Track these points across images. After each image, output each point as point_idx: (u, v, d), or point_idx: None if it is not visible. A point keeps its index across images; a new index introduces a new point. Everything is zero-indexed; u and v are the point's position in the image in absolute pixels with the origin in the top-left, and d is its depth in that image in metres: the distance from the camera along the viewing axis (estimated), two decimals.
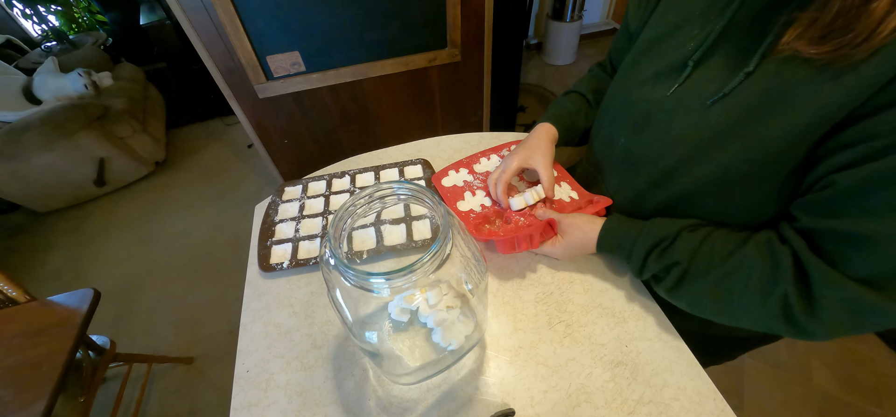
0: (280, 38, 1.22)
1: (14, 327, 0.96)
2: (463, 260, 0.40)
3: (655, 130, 0.49)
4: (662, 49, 0.49)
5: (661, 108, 0.48)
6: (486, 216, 0.64)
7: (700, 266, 0.44)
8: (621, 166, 0.57)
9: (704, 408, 0.45)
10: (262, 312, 0.58)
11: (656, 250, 0.47)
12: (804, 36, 0.34)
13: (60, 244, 2.01)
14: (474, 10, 1.31)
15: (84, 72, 2.18)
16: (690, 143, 0.45)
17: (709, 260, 0.43)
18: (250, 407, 0.48)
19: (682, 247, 0.45)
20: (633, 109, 0.53)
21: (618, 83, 0.58)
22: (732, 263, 0.42)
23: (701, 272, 0.44)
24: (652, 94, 0.50)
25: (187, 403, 1.35)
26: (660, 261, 0.47)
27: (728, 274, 0.42)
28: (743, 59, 0.40)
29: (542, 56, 3.07)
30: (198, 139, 2.64)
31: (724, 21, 0.42)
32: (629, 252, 0.50)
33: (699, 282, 0.44)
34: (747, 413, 1.23)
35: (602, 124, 0.63)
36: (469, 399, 0.47)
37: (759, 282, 0.39)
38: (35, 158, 1.89)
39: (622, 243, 0.51)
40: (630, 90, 0.54)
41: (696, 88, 0.45)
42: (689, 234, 0.46)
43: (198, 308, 1.64)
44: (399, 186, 0.39)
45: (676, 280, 0.46)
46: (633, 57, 0.55)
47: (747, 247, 0.41)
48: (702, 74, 0.44)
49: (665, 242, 0.47)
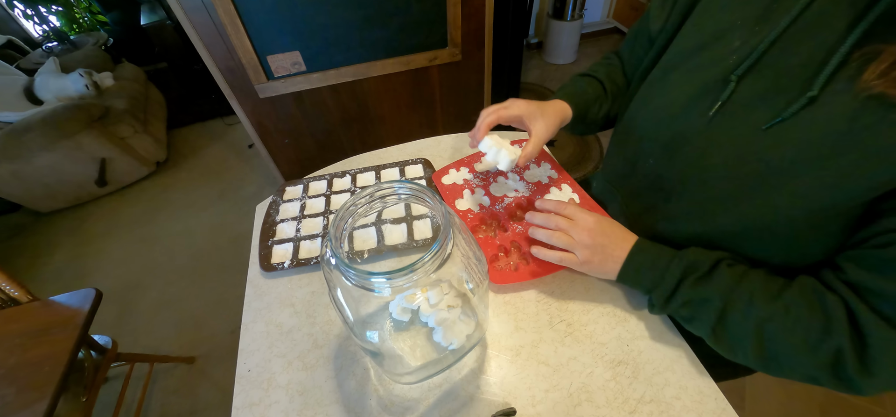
0: (280, 38, 1.22)
1: (16, 327, 0.96)
2: (464, 259, 0.40)
3: (690, 157, 0.43)
4: (698, 62, 0.43)
5: (698, 131, 0.42)
6: (483, 219, 0.64)
7: (739, 307, 0.39)
8: (648, 191, 0.52)
9: (706, 407, 0.45)
10: (263, 311, 0.58)
11: (691, 277, 0.42)
12: (892, 75, 0.29)
13: (62, 244, 2.01)
14: (475, 10, 1.31)
15: (85, 72, 2.18)
16: (735, 176, 0.39)
17: (748, 301, 0.39)
18: (252, 407, 0.48)
19: (719, 281, 0.41)
20: (664, 130, 0.47)
21: (644, 98, 0.51)
22: (777, 307, 0.37)
23: (741, 314, 0.39)
24: (687, 114, 0.43)
25: (189, 402, 1.36)
26: (693, 291, 0.42)
27: (772, 319, 0.37)
28: (802, 80, 0.34)
29: (543, 55, 3.07)
30: (199, 139, 2.64)
31: (775, 32, 0.36)
32: (661, 276, 0.44)
33: (740, 325, 0.40)
34: (749, 411, 1.23)
35: (625, 142, 0.56)
36: (470, 398, 0.47)
37: (808, 332, 0.36)
38: (36, 158, 1.90)
39: (655, 263, 0.45)
40: (659, 109, 0.47)
41: (742, 110, 0.38)
42: (729, 268, 0.41)
43: (199, 308, 1.64)
44: (400, 185, 0.39)
45: (716, 319, 0.41)
46: (662, 70, 0.49)
47: (792, 292, 0.38)
48: (747, 92, 0.38)
49: (700, 269, 0.42)
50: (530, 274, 0.55)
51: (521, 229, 0.61)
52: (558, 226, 0.51)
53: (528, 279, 0.55)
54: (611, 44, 3.20)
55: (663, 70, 0.48)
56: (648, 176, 0.51)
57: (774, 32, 0.36)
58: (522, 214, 0.66)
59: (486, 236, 0.61)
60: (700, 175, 0.43)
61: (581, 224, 0.50)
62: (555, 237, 0.51)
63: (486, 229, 0.64)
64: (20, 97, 2.10)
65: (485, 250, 0.59)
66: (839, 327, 0.34)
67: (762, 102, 0.37)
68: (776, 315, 0.37)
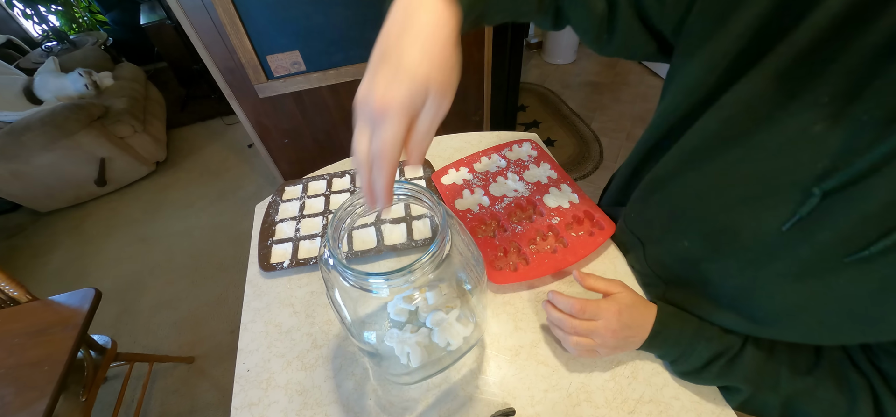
0: (280, 38, 1.22)
1: (15, 326, 0.96)
2: (462, 260, 0.40)
3: (742, 259, 0.36)
4: (763, 141, 0.32)
5: (761, 239, 0.34)
6: (482, 219, 0.64)
7: (766, 390, 0.39)
8: (680, 265, 0.45)
9: (704, 408, 0.45)
10: (262, 311, 0.58)
11: (721, 360, 0.41)
12: None
13: (61, 244, 2.01)
14: None
15: (85, 72, 2.18)
16: (801, 302, 0.33)
17: (775, 382, 0.39)
18: (251, 407, 0.48)
19: (747, 365, 0.40)
20: (711, 219, 0.38)
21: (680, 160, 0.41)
22: (805, 384, 0.37)
23: (768, 395, 0.40)
24: (745, 214, 0.35)
25: (188, 402, 1.36)
26: (722, 377, 0.42)
27: (798, 395, 0.38)
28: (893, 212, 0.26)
29: (543, 55, 3.07)
30: (198, 139, 2.64)
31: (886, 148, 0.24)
32: (686, 353, 0.43)
33: (766, 404, 0.41)
34: None
35: (650, 199, 0.48)
36: (469, 398, 0.47)
37: (832, 409, 0.36)
38: (36, 158, 1.90)
39: (679, 340, 0.43)
40: (708, 190, 0.38)
41: (825, 233, 0.29)
42: (755, 349, 0.40)
43: (199, 308, 1.64)
44: (398, 185, 0.39)
45: (742, 403, 0.43)
46: (704, 139, 0.37)
47: (821, 370, 0.37)
48: (835, 209, 0.29)
49: (730, 352, 0.41)
50: (530, 274, 0.55)
51: (520, 229, 0.61)
52: (576, 331, 0.44)
53: (527, 279, 0.55)
54: None
55: (706, 139, 0.37)
56: (683, 256, 0.44)
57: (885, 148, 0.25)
58: (522, 214, 0.66)
59: (486, 237, 0.61)
60: (751, 284, 0.36)
61: (604, 328, 0.43)
62: (575, 346, 0.44)
63: (486, 229, 0.64)
64: (20, 97, 2.10)
65: (484, 251, 0.59)
66: (864, 410, 0.34)
67: (847, 226, 0.28)
68: (803, 393, 0.38)
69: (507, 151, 0.76)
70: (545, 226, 0.61)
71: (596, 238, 0.59)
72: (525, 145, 0.77)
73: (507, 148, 0.76)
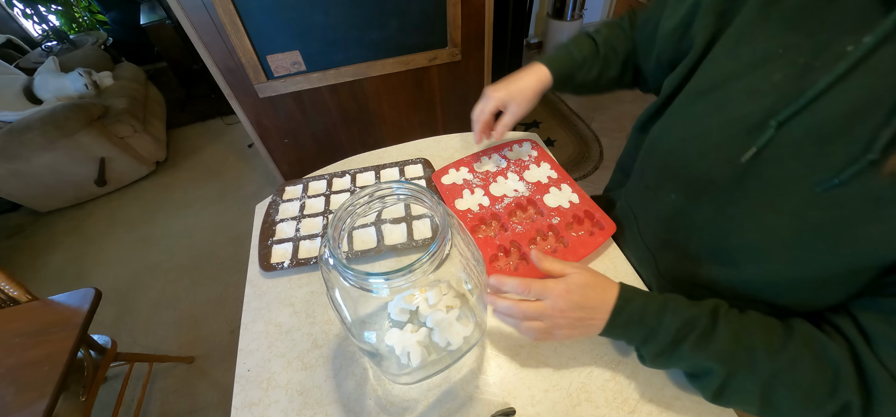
0: (280, 38, 1.22)
1: (15, 326, 0.96)
2: (462, 260, 0.40)
3: (718, 200, 0.40)
4: (729, 94, 0.38)
5: (729, 176, 0.38)
6: (482, 218, 0.64)
7: (743, 370, 0.37)
8: (668, 225, 0.49)
9: (705, 407, 0.45)
10: (262, 311, 0.58)
11: (692, 334, 0.38)
12: None
13: (61, 244, 2.01)
14: (475, 9, 1.31)
15: (84, 72, 2.18)
16: (772, 230, 0.36)
17: (751, 362, 0.36)
18: (251, 406, 0.48)
19: (720, 344, 0.37)
20: (690, 166, 0.43)
21: (667, 125, 0.47)
22: (781, 363, 0.35)
23: (744, 378, 0.37)
24: (715, 154, 0.39)
25: (188, 402, 1.36)
26: (695, 354, 0.38)
27: (776, 376, 0.36)
28: (857, 139, 0.30)
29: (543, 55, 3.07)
30: (198, 139, 2.64)
31: (829, 79, 0.30)
32: (652, 331, 0.40)
33: (744, 389, 0.37)
34: None
35: (646, 167, 0.53)
36: (469, 398, 0.47)
37: (813, 388, 0.34)
38: (36, 157, 1.90)
39: (643, 317, 0.40)
40: (684, 141, 0.43)
41: (783, 162, 0.34)
42: (726, 322, 0.38)
43: (199, 308, 1.64)
44: (398, 185, 0.39)
45: (719, 386, 0.38)
46: (688, 96, 0.44)
47: (795, 344, 0.36)
48: (788, 142, 0.34)
49: (700, 325, 0.38)
50: (530, 274, 0.55)
51: (521, 229, 0.61)
52: (525, 315, 0.42)
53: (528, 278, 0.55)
54: None
55: (690, 96, 0.43)
56: (668, 210, 0.48)
57: (829, 78, 0.30)
58: (523, 214, 0.66)
59: (486, 236, 0.61)
60: (727, 223, 0.40)
61: (552, 309, 0.41)
62: (528, 331, 0.43)
63: (486, 228, 0.64)
64: (19, 97, 2.10)
65: (484, 250, 0.59)
66: (847, 382, 0.33)
67: (807, 157, 0.33)
68: (781, 372, 0.36)
69: (507, 150, 0.76)
70: (545, 226, 0.61)
71: (596, 238, 0.59)
72: (525, 145, 0.77)
73: (507, 148, 0.77)
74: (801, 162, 0.33)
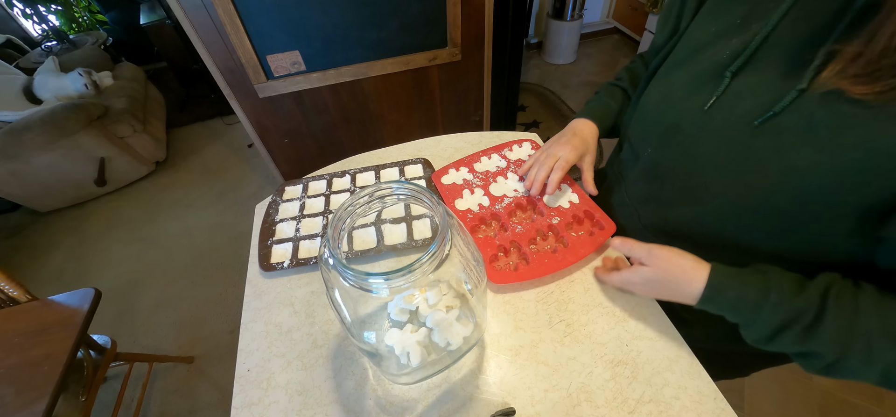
0: (280, 38, 1.22)
1: (15, 326, 0.96)
2: (462, 260, 0.40)
3: (682, 145, 0.46)
4: (698, 59, 0.46)
5: (693, 122, 0.45)
6: (482, 218, 0.64)
7: (857, 356, 0.35)
8: (646, 178, 0.55)
9: (705, 407, 0.45)
10: (262, 311, 0.58)
11: (794, 327, 0.37)
12: (848, 72, 0.31)
13: (61, 244, 2.01)
14: (474, 9, 1.31)
15: (84, 71, 2.18)
16: (725, 164, 0.41)
17: (868, 350, 0.35)
18: (251, 406, 0.48)
19: (831, 333, 0.36)
20: (661, 121, 0.49)
21: (650, 93, 0.54)
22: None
23: (859, 363, 0.35)
24: (683, 106, 0.46)
25: (188, 402, 1.36)
26: (799, 344, 0.37)
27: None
28: (791, 74, 0.36)
29: (543, 55, 3.07)
30: (198, 139, 2.64)
31: (765, 30, 0.38)
32: (750, 321, 0.39)
33: (858, 370, 0.36)
34: (748, 411, 1.23)
35: (632, 133, 0.60)
36: (469, 398, 0.47)
37: None
38: (36, 157, 1.90)
39: (738, 306, 0.40)
40: (660, 102, 0.51)
41: (735, 104, 0.41)
42: (837, 309, 0.36)
43: (198, 308, 1.64)
44: (398, 186, 0.39)
45: (828, 365, 0.37)
46: (667, 67, 0.51)
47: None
48: (740, 87, 0.41)
49: (805, 319, 0.36)
50: (530, 274, 0.55)
51: (521, 229, 0.61)
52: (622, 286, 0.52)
53: (527, 278, 0.55)
54: (610, 44, 3.19)
55: (669, 67, 0.51)
56: (647, 164, 0.54)
57: (765, 29, 0.38)
58: (523, 214, 0.66)
59: (486, 236, 0.61)
60: (690, 163, 0.46)
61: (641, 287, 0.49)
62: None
63: (486, 228, 0.64)
64: (19, 97, 2.10)
65: (484, 250, 0.59)
66: None
67: (753, 96, 0.39)
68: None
69: (508, 151, 0.76)
70: (545, 225, 0.61)
71: (596, 238, 0.59)
72: (525, 145, 0.77)
73: (508, 148, 0.77)
74: (749, 102, 0.39)
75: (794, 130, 0.36)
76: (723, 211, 0.44)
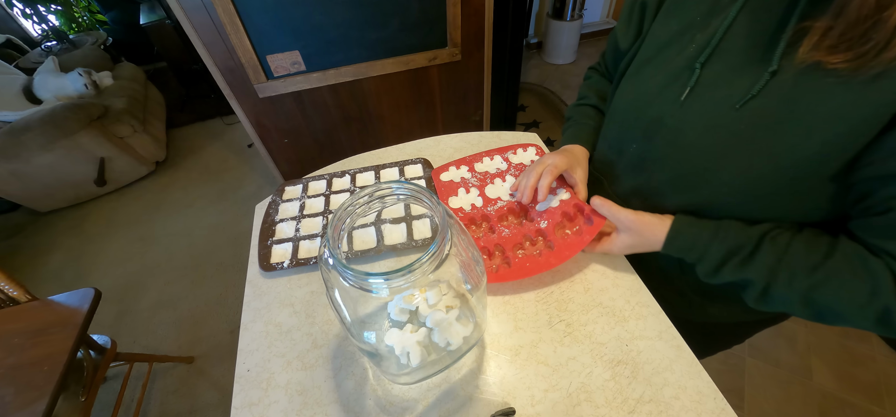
0: (280, 38, 1.22)
1: (15, 326, 0.96)
2: (462, 260, 0.40)
3: (668, 137, 0.48)
4: (666, 56, 0.49)
5: (672, 114, 0.47)
6: (472, 218, 0.64)
7: (781, 284, 0.41)
8: (633, 171, 0.56)
9: (705, 407, 0.45)
10: (262, 311, 0.58)
11: (734, 259, 0.44)
12: (823, 45, 0.33)
13: (61, 244, 2.01)
14: (474, 9, 1.31)
15: (84, 71, 2.18)
16: (712, 150, 0.44)
17: (790, 275, 0.41)
18: (251, 406, 0.48)
19: (762, 261, 0.42)
20: (642, 118, 0.52)
21: (623, 93, 0.57)
22: (819, 277, 0.39)
23: (784, 288, 0.41)
24: (660, 100, 0.49)
25: (188, 402, 1.36)
26: (737, 273, 0.44)
27: (815, 288, 0.40)
28: (760, 59, 0.39)
29: (543, 55, 3.07)
30: (198, 139, 2.64)
31: (726, 22, 0.41)
32: (700, 256, 0.47)
33: (784, 296, 0.42)
34: (748, 412, 1.23)
35: (608, 131, 0.62)
36: (469, 398, 0.47)
37: (854, 295, 0.38)
38: (35, 157, 1.90)
39: (694, 244, 0.47)
40: (637, 99, 0.53)
41: (709, 93, 0.43)
42: (771, 244, 0.42)
43: (198, 308, 1.64)
44: (398, 186, 0.39)
45: (759, 294, 0.44)
46: (636, 66, 0.54)
47: (834, 260, 0.39)
48: (711, 75, 0.43)
49: (743, 251, 0.44)
50: (510, 276, 0.55)
51: (508, 233, 0.61)
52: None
53: (506, 280, 0.56)
54: None
55: (638, 65, 0.54)
56: (632, 159, 0.56)
57: (726, 21, 0.41)
58: (514, 219, 0.65)
59: (473, 237, 0.61)
60: (677, 152, 0.48)
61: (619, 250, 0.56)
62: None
63: (475, 229, 0.64)
64: (19, 97, 2.10)
65: None
66: (885, 288, 0.36)
67: (726, 83, 0.42)
68: (819, 285, 0.39)
69: (511, 154, 0.75)
70: (534, 231, 0.60)
71: (584, 237, 0.57)
72: (530, 150, 0.76)
73: (511, 151, 0.76)
74: (723, 90, 0.42)
75: (774, 109, 0.38)
76: (714, 195, 0.46)
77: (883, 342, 1.35)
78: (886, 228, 0.37)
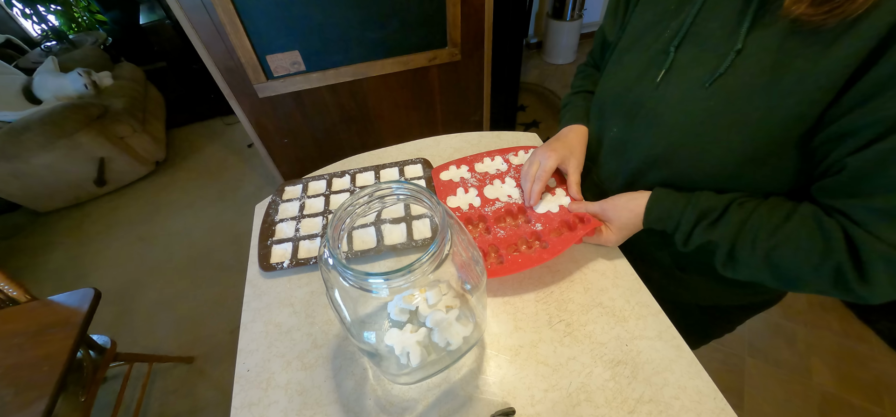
0: (280, 38, 1.22)
1: (15, 326, 0.96)
2: (462, 260, 0.40)
3: (646, 118, 0.51)
4: (643, 43, 0.52)
5: (650, 96, 0.50)
6: (469, 218, 0.64)
7: (745, 245, 0.44)
8: (613, 155, 0.59)
9: (705, 407, 0.45)
10: (262, 311, 0.58)
11: (703, 222, 0.47)
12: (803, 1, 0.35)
13: (61, 244, 2.01)
14: (474, 9, 1.31)
15: (84, 71, 2.18)
16: (686, 127, 0.46)
17: (753, 237, 0.43)
18: (251, 407, 0.48)
19: (728, 222, 0.45)
20: (622, 102, 0.55)
21: (605, 80, 0.60)
22: (779, 239, 0.42)
23: (748, 252, 0.44)
24: (639, 85, 0.52)
25: (188, 402, 1.36)
26: (705, 235, 0.47)
27: (775, 248, 0.42)
28: (727, 39, 0.42)
29: (543, 55, 3.07)
30: (198, 139, 2.64)
31: (697, 5, 0.45)
32: (676, 223, 0.50)
33: (748, 259, 0.44)
34: (747, 412, 1.23)
35: (592, 119, 0.66)
36: (469, 398, 0.47)
37: (809, 254, 0.40)
38: (35, 157, 1.89)
39: (670, 213, 0.50)
40: (617, 85, 0.56)
41: (683, 73, 0.46)
42: (738, 208, 0.45)
43: (198, 308, 1.64)
44: (398, 186, 0.39)
45: (726, 258, 0.46)
46: (617, 55, 0.58)
47: (793, 222, 0.42)
48: (684, 58, 0.47)
49: (713, 214, 0.46)
50: (501, 272, 0.55)
51: (503, 234, 0.60)
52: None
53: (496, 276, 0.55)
54: None
55: (619, 54, 0.57)
56: (613, 143, 0.59)
57: (696, 6, 0.45)
58: (512, 220, 0.65)
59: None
60: (654, 131, 0.50)
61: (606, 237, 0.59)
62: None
63: (472, 229, 0.63)
64: (19, 97, 2.10)
65: None
66: (837, 246, 0.38)
67: (698, 63, 0.45)
68: (779, 245, 0.42)
69: (512, 155, 0.75)
70: (529, 233, 0.60)
71: (577, 232, 0.58)
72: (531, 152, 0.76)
73: (513, 153, 0.76)
74: (695, 70, 0.45)
75: (741, 84, 0.41)
76: (690, 170, 0.48)
77: (882, 341, 1.35)
78: (839, 187, 0.38)
